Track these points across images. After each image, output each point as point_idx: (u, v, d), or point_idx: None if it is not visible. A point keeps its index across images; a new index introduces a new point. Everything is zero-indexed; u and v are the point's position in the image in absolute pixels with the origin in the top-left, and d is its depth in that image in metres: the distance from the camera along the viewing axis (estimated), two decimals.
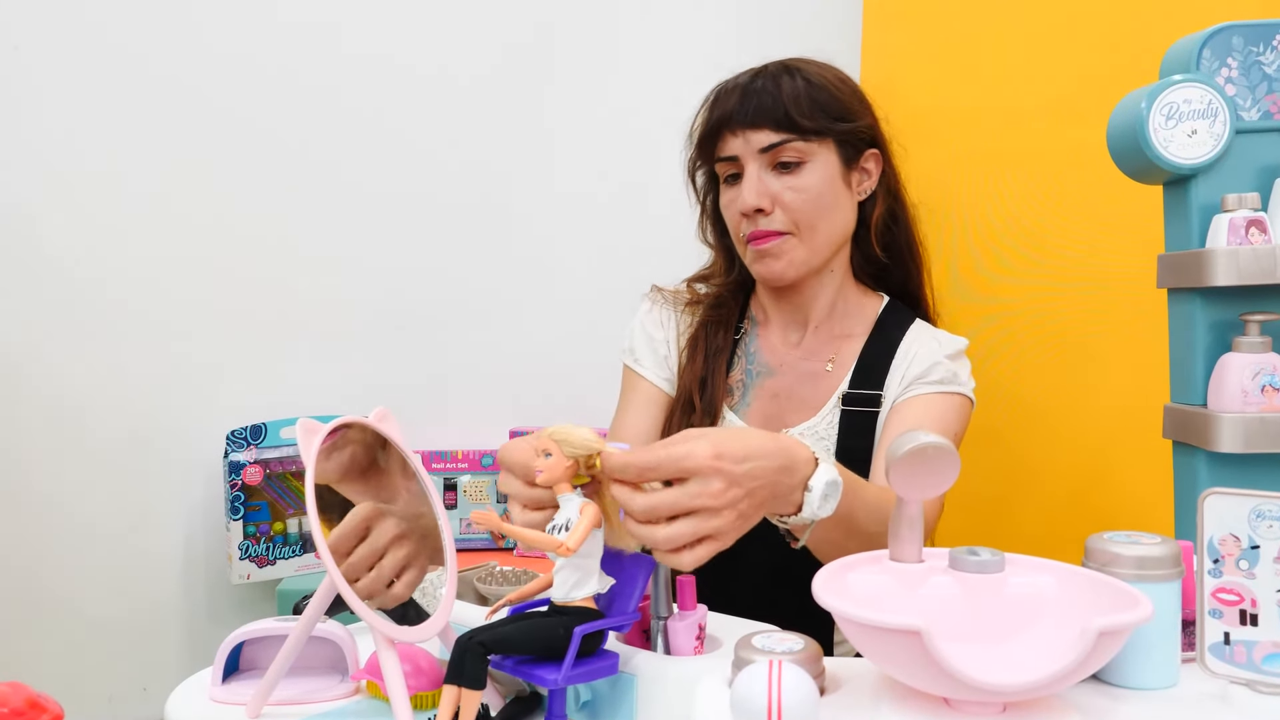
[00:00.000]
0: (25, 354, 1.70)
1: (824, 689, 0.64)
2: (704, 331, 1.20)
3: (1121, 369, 1.44)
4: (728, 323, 1.20)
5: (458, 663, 0.62)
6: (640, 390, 1.22)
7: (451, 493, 1.99)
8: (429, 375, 2.03)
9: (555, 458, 0.68)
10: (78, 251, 1.75)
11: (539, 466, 0.68)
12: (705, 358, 1.17)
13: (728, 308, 1.22)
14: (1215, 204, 1.01)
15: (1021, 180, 1.58)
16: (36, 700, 0.58)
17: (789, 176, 1.11)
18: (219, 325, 1.88)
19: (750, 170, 1.11)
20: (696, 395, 1.15)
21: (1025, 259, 1.57)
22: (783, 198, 1.11)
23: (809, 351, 1.19)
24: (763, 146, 1.10)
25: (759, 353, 1.20)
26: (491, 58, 2.04)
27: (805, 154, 1.11)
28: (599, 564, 0.69)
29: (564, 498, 0.69)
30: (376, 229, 2.00)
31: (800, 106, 1.10)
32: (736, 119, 1.11)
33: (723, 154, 1.14)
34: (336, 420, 0.73)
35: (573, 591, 0.69)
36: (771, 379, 1.18)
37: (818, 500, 0.75)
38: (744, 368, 1.19)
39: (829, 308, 1.19)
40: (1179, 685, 0.66)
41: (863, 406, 1.13)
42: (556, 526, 0.68)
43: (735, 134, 1.12)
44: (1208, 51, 1.02)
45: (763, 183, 1.11)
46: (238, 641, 0.77)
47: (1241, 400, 0.96)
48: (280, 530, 1.87)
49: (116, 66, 1.75)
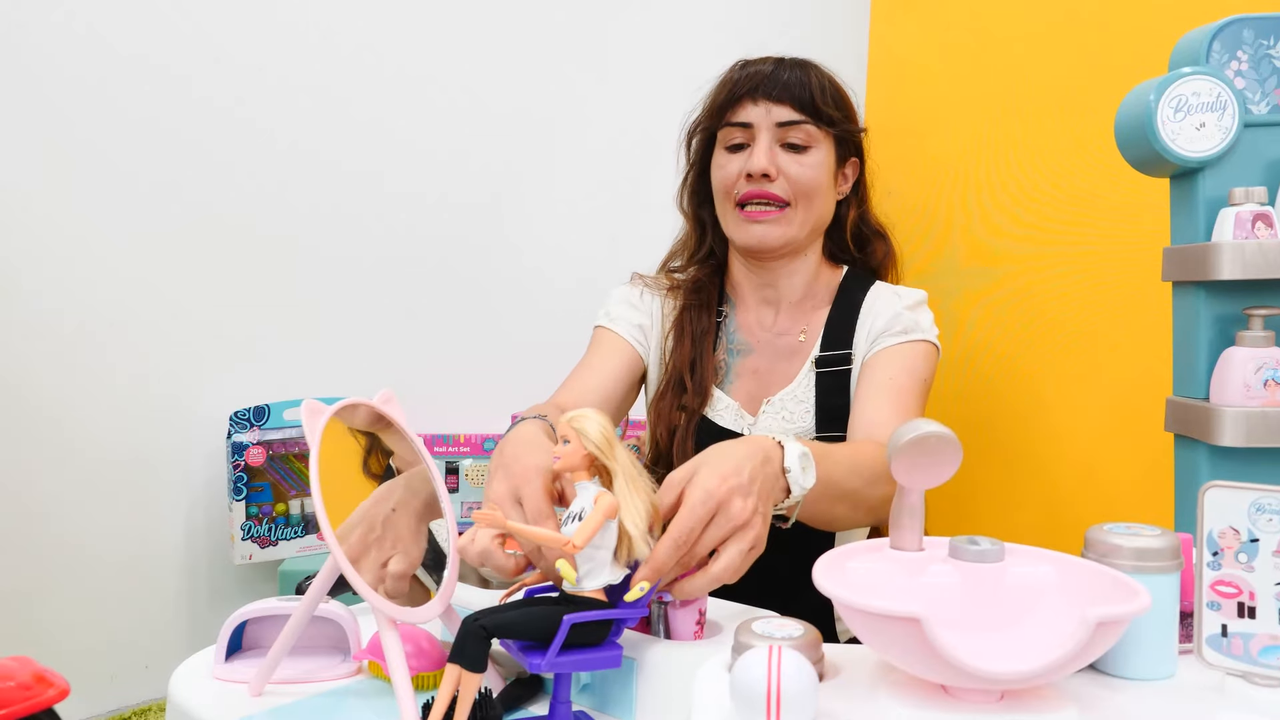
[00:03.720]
0: (29, 339, 1.70)
1: (823, 675, 0.65)
2: (688, 315, 1.24)
3: (1124, 361, 1.43)
4: (709, 305, 1.25)
5: (460, 644, 0.63)
6: (612, 349, 1.24)
7: (453, 476, 1.99)
8: (431, 359, 2.04)
9: (574, 445, 0.68)
10: (86, 235, 1.75)
11: (557, 453, 0.68)
12: (692, 340, 1.22)
13: (706, 291, 1.27)
14: (1222, 198, 1.00)
15: (1026, 171, 1.58)
16: (43, 674, 0.58)
17: (796, 155, 1.18)
18: (223, 309, 1.89)
19: (763, 139, 1.17)
20: (688, 376, 1.21)
21: (1029, 250, 1.57)
22: (788, 169, 1.18)
23: (782, 329, 1.25)
24: (781, 121, 1.17)
25: (737, 332, 1.26)
26: (495, 56, 2.03)
27: (812, 140, 1.18)
28: (611, 555, 0.68)
29: (581, 485, 0.68)
30: (380, 218, 2.00)
31: (824, 94, 1.19)
32: (763, 89, 1.17)
33: (736, 119, 1.19)
34: (341, 401, 0.74)
35: (583, 582, 0.68)
36: (751, 356, 1.24)
37: (799, 474, 0.82)
38: (725, 347, 1.25)
39: (801, 288, 1.25)
40: (1176, 676, 0.66)
41: (835, 366, 1.20)
42: (571, 515, 0.68)
43: (756, 103, 1.17)
44: (1218, 44, 1.02)
45: (773, 152, 1.17)
46: (241, 620, 0.78)
47: (1244, 394, 0.96)
48: (282, 511, 1.88)
49: (114, 65, 1.74)
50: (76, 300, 1.75)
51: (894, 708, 0.58)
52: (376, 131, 1.99)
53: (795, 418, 1.19)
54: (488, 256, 2.09)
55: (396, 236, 2.02)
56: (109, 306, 1.78)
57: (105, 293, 1.78)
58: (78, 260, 1.75)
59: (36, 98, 1.70)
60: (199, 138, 1.84)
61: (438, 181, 2.03)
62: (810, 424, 1.19)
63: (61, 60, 1.71)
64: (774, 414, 1.20)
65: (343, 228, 1.98)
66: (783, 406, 1.20)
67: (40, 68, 1.69)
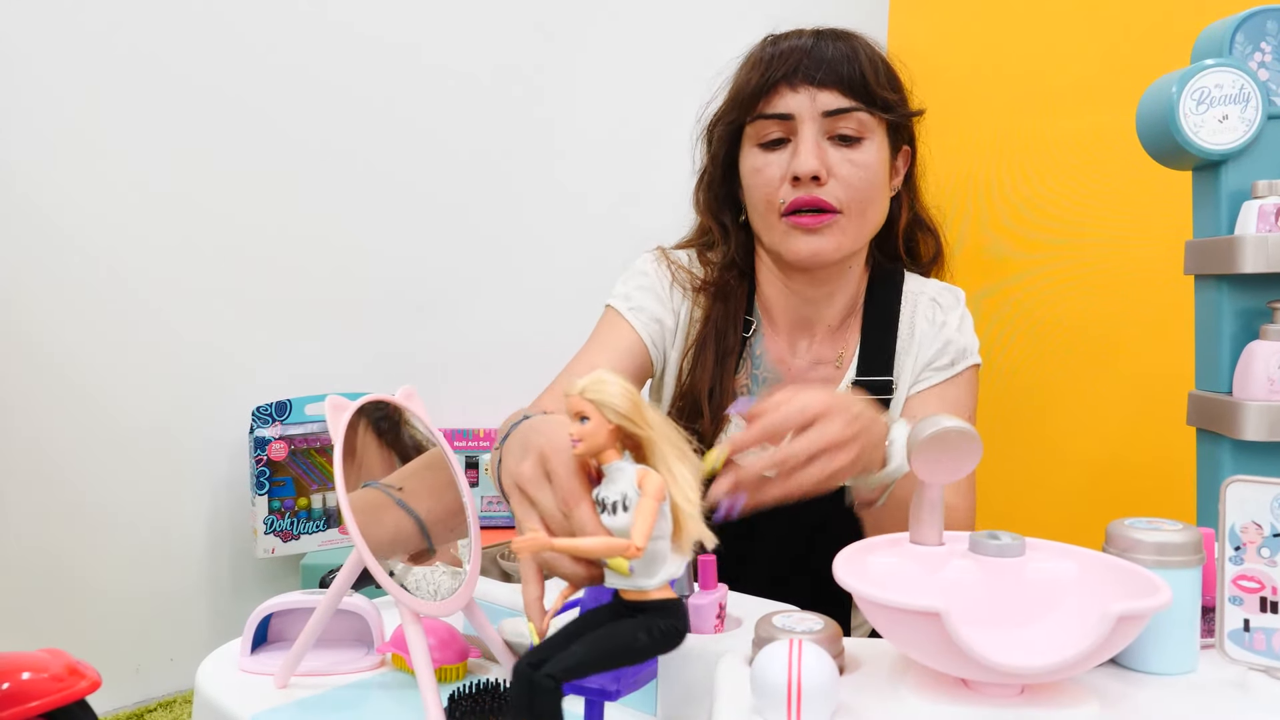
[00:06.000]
0: (55, 336, 1.72)
1: (843, 668, 0.65)
2: (714, 330, 1.07)
3: (1145, 356, 1.43)
4: (736, 319, 1.07)
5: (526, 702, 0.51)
6: (623, 342, 1.07)
7: (473, 470, 2.01)
8: (451, 354, 2.05)
9: (594, 421, 0.54)
10: (108, 238, 1.76)
11: (574, 434, 0.55)
12: (716, 359, 1.06)
13: (734, 301, 1.08)
14: (1245, 190, 1.00)
15: (1046, 165, 1.57)
16: (75, 666, 0.59)
17: (848, 150, 0.99)
18: (245, 306, 1.90)
19: (807, 133, 0.98)
20: (704, 401, 1.04)
21: (1049, 244, 1.56)
22: (840, 170, 0.98)
23: (819, 356, 1.09)
24: (828, 110, 0.98)
25: (764, 356, 1.09)
26: (498, 54, 2.04)
27: (865, 129, 0.99)
28: (669, 543, 0.55)
29: (614, 468, 0.56)
30: (398, 215, 2.02)
31: (876, 73, 0.99)
32: (804, 71, 0.97)
33: (773, 110, 0.99)
34: (364, 398, 0.74)
35: (641, 580, 0.55)
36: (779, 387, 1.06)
37: (899, 454, 0.78)
38: (749, 371, 1.08)
39: (843, 310, 1.09)
40: (1198, 671, 0.66)
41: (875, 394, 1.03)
42: (607, 505, 0.55)
43: (796, 90, 0.98)
44: (1241, 36, 1.01)
45: (821, 148, 0.98)
46: (266, 614, 0.79)
47: (1267, 388, 0.96)
48: (305, 505, 1.90)
49: (135, 64, 1.76)
50: (101, 297, 1.77)
51: (914, 702, 0.59)
52: (401, 128, 2.00)
53: None
54: (509, 250, 2.09)
55: (418, 232, 2.03)
56: (133, 304, 1.80)
57: (129, 289, 1.80)
58: (101, 256, 1.77)
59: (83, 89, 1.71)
60: (230, 137, 1.86)
61: (459, 177, 2.04)
62: None
63: (95, 61, 1.73)
64: None
65: (365, 223, 1.99)
66: None
67: (72, 68, 1.71)
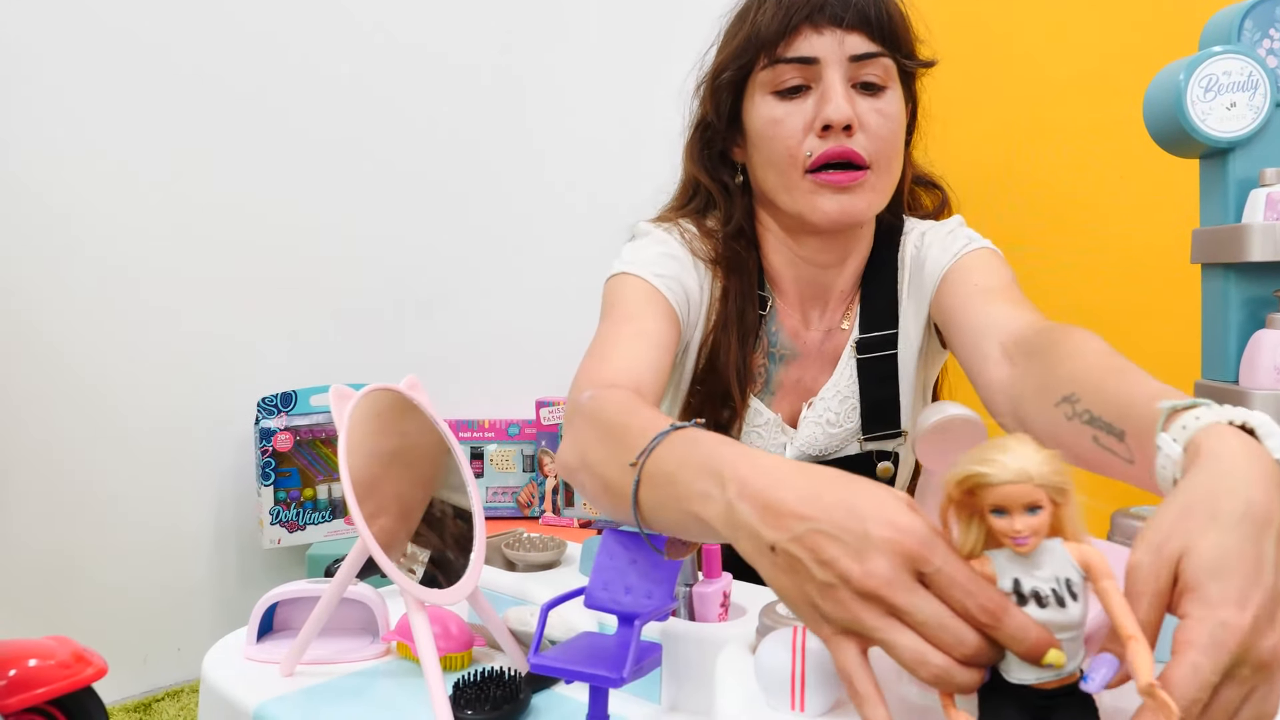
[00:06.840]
0: (60, 329, 1.72)
1: None
2: (734, 308, 0.99)
3: (1151, 344, 1.42)
4: (751, 295, 1.00)
5: None
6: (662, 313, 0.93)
7: (478, 461, 2.01)
8: (456, 345, 2.05)
9: (1047, 510, 0.44)
10: (112, 230, 1.77)
11: (1024, 530, 0.44)
12: (739, 338, 0.98)
13: (748, 274, 1.00)
14: (1253, 178, 0.99)
15: (1053, 153, 1.56)
16: (82, 654, 0.60)
17: (873, 99, 0.92)
18: (249, 298, 1.91)
19: (833, 78, 0.90)
20: (734, 385, 0.98)
21: (1055, 232, 1.56)
22: (868, 120, 0.91)
23: (830, 324, 1.04)
24: (856, 54, 0.90)
25: (779, 332, 1.02)
26: (500, 49, 2.04)
27: (887, 78, 0.92)
28: None
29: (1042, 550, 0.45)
30: (403, 208, 2.02)
31: (900, 18, 0.93)
32: (829, 10, 0.89)
33: (795, 54, 0.91)
34: (368, 387, 0.74)
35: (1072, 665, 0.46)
36: (795, 361, 1.03)
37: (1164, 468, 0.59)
38: (765, 349, 1.02)
39: (854, 276, 1.02)
40: None
41: (879, 351, 1.00)
42: (1041, 595, 0.45)
43: (820, 31, 0.90)
44: (1249, 22, 1.01)
45: (850, 96, 0.90)
46: (272, 602, 0.79)
47: (1274, 378, 0.95)
48: (310, 496, 1.90)
49: (138, 56, 1.77)
50: (105, 289, 1.77)
51: (917, 690, 0.59)
52: (406, 122, 2.00)
53: (840, 418, 1.01)
54: (512, 242, 2.09)
55: (422, 224, 2.03)
56: (136, 296, 1.80)
57: (133, 281, 1.80)
58: (104, 249, 1.77)
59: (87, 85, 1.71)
60: (233, 132, 1.86)
61: (465, 168, 2.04)
62: (856, 424, 1.01)
63: (97, 55, 1.73)
64: (815, 419, 1.01)
65: (369, 216, 1.99)
66: (826, 408, 1.01)
67: (74, 63, 1.71)
